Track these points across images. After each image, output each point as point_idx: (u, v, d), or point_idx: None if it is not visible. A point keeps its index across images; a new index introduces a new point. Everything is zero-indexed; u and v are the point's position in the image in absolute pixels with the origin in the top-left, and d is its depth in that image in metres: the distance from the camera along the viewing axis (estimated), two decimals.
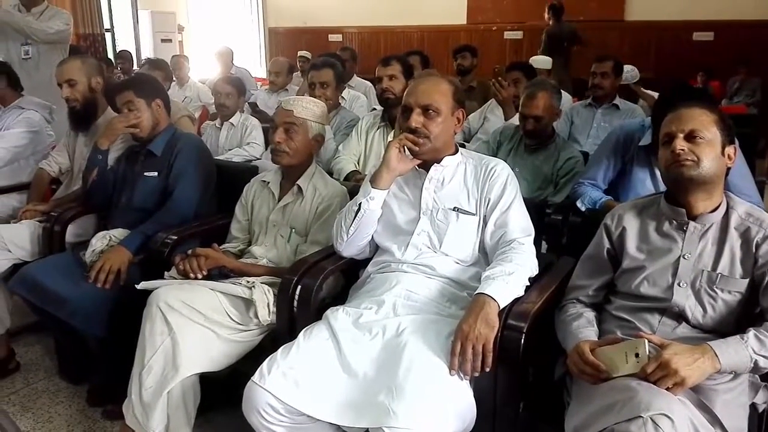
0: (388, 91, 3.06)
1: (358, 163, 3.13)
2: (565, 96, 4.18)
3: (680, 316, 1.55)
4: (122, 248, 2.28)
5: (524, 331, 1.57)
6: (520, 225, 1.85)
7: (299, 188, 2.22)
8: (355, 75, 5.39)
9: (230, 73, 6.42)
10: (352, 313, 1.76)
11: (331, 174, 3.07)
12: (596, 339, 1.56)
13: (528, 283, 1.73)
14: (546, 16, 7.33)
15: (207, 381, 1.94)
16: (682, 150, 1.54)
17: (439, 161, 1.92)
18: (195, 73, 9.37)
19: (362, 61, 9.00)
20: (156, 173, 2.55)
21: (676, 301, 1.55)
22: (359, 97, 4.48)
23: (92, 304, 2.17)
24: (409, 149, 1.86)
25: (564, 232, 2.47)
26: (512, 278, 1.68)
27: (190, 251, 2.05)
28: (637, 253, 1.64)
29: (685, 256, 1.57)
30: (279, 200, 2.26)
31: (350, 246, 1.96)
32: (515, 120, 3.50)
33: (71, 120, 2.92)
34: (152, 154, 2.58)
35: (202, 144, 2.74)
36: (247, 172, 2.66)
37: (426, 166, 1.93)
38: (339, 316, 1.75)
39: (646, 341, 1.38)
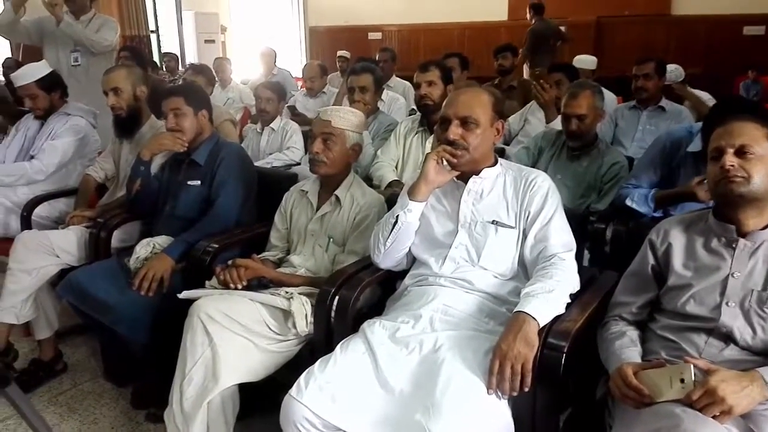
0: (427, 97, 3.03)
1: (396, 168, 3.12)
2: (609, 95, 4.09)
3: (728, 338, 1.49)
4: (165, 256, 2.33)
5: (565, 351, 1.54)
6: (562, 239, 1.82)
7: (337, 198, 2.22)
8: (393, 75, 5.40)
9: (272, 74, 6.50)
10: (388, 326, 1.75)
11: (370, 180, 3.09)
12: (639, 360, 1.52)
13: (569, 300, 1.70)
14: (528, 15, 7.20)
15: (245, 388, 1.95)
16: (732, 166, 1.48)
17: (477, 173, 1.90)
18: (237, 74, 9.53)
19: (401, 59, 8.97)
20: (199, 182, 2.59)
21: (723, 322, 1.49)
22: (398, 99, 4.47)
23: (136, 311, 2.21)
24: (447, 161, 1.85)
25: (607, 241, 2.43)
26: (553, 296, 1.65)
27: (230, 262, 2.07)
28: (684, 270, 1.59)
29: (734, 275, 1.52)
30: (317, 210, 2.26)
31: (387, 258, 1.96)
32: (557, 124, 3.45)
33: (116, 127, 2.99)
34: (195, 163, 2.62)
35: (243, 152, 2.77)
36: (286, 179, 2.68)
37: (464, 177, 1.91)
38: (376, 329, 1.74)
39: (692, 366, 1.34)
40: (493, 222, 1.86)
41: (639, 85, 3.69)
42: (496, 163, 1.95)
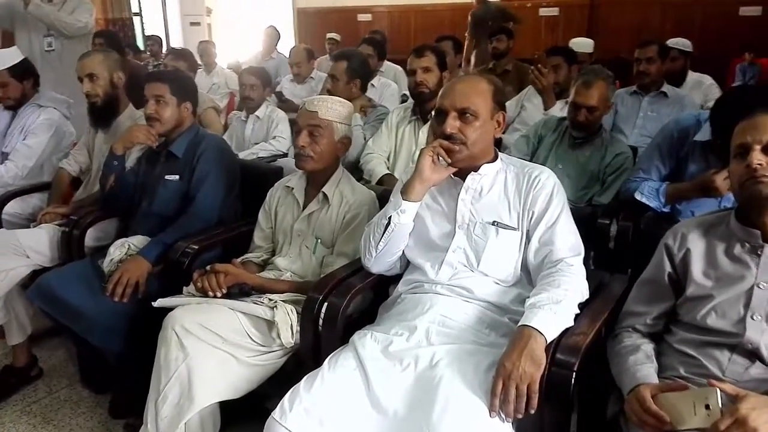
0: (423, 84, 2.87)
1: (389, 159, 2.97)
2: None
3: (754, 354, 1.36)
4: (141, 259, 2.17)
5: (575, 368, 1.40)
6: (568, 242, 1.67)
7: (325, 195, 2.07)
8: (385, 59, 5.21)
9: (270, 57, 6.28)
10: (381, 339, 1.60)
11: (361, 173, 2.94)
12: (656, 378, 1.39)
13: (578, 311, 1.56)
14: None
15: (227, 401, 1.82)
16: (760, 164, 1.34)
17: (476, 169, 1.75)
18: (223, 58, 9.29)
19: (392, 42, 8.77)
20: (177, 177, 2.43)
21: (749, 337, 1.36)
22: (389, 84, 4.30)
23: (109, 318, 2.06)
24: (443, 157, 1.69)
25: (611, 238, 2.30)
26: (560, 307, 1.50)
27: (209, 267, 1.91)
28: (704, 279, 1.45)
29: (760, 285, 1.38)
30: (304, 208, 2.11)
31: (379, 262, 1.81)
32: (556, 110, 3.30)
33: (91, 116, 2.82)
34: (173, 156, 2.45)
35: (225, 145, 2.60)
36: (271, 173, 2.52)
37: (462, 174, 1.75)
38: (367, 342, 1.60)
39: (718, 391, 1.20)
40: (493, 223, 1.71)
41: (641, 70, 3.54)
42: (496, 158, 1.79)
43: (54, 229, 2.57)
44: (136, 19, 9.75)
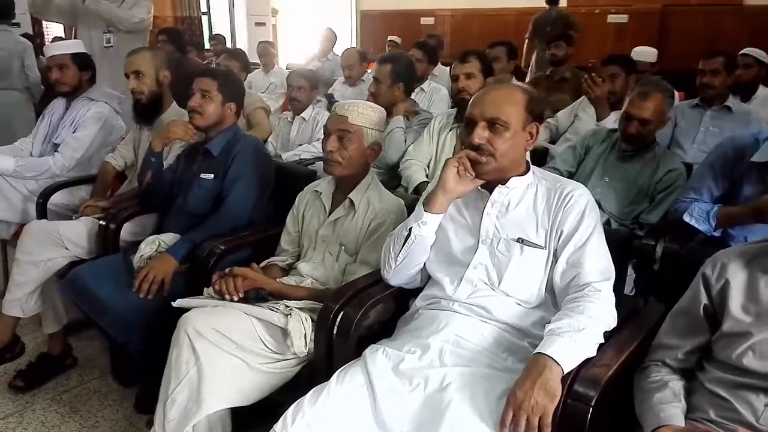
0: (464, 91, 2.80)
1: (428, 167, 2.90)
2: None
3: None
4: (168, 257, 2.18)
5: (593, 402, 1.30)
6: (598, 265, 1.56)
7: (351, 202, 2.02)
8: (439, 63, 5.13)
9: (326, 59, 6.30)
10: (393, 356, 1.54)
11: (399, 178, 2.88)
12: (682, 419, 1.27)
13: (602, 340, 1.45)
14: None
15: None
16: None
17: (504, 182, 1.66)
18: (286, 58, 9.41)
19: (452, 46, 8.69)
20: (212, 175, 2.43)
21: None
22: (440, 90, 4.21)
23: (133, 314, 2.07)
24: (469, 168, 1.61)
25: (657, 260, 2.16)
26: (582, 336, 1.40)
27: (227, 270, 1.89)
28: (743, 314, 1.32)
29: None
30: (330, 214, 2.06)
31: (398, 275, 1.74)
32: (609, 122, 3.15)
33: (135, 113, 2.86)
34: (210, 155, 2.45)
35: (261, 146, 2.58)
36: (305, 176, 2.49)
37: (490, 187, 1.67)
38: (378, 359, 1.53)
39: None
40: (518, 240, 1.62)
41: (704, 82, 3.32)
42: (527, 171, 1.70)
43: (93, 222, 2.60)
44: (204, 18, 10.02)
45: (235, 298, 1.80)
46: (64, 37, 6.87)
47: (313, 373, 1.76)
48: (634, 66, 3.57)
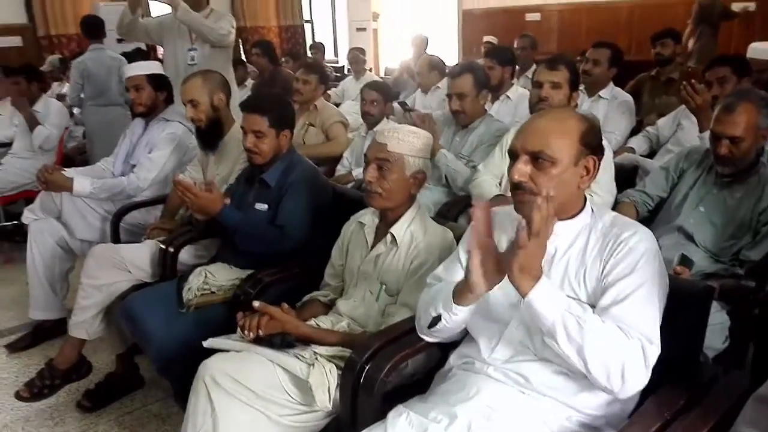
0: (545, 101, 2.53)
1: (500, 185, 2.66)
2: None
3: None
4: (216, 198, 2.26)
5: None
6: (642, 326, 1.29)
7: (393, 237, 1.84)
8: (534, 65, 4.81)
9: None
10: (416, 423, 1.35)
11: (468, 197, 2.67)
12: None
13: (584, 360, 1.26)
14: None
15: None
16: None
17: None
18: (387, 62, 9.35)
19: (560, 43, 8.24)
20: (267, 206, 2.35)
21: None
22: (527, 96, 3.91)
23: (174, 349, 2.02)
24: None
25: (754, 304, 1.82)
26: (589, 325, 1.25)
27: (256, 304, 1.74)
28: None
29: None
30: (372, 248, 1.91)
31: (431, 338, 1.57)
32: None
33: (199, 139, 2.85)
34: (266, 185, 2.38)
35: (315, 175, 2.45)
36: (356, 203, 2.34)
37: None
38: (400, 425, 1.36)
39: None
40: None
41: None
42: (582, 210, 1.45)
43: (156, 245, 2.61)
44: (306, 26, 10.19)
45: (252, 335, 1.67)
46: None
47: (340, 429, 1.61)
48: (747, 67, 3.11)
